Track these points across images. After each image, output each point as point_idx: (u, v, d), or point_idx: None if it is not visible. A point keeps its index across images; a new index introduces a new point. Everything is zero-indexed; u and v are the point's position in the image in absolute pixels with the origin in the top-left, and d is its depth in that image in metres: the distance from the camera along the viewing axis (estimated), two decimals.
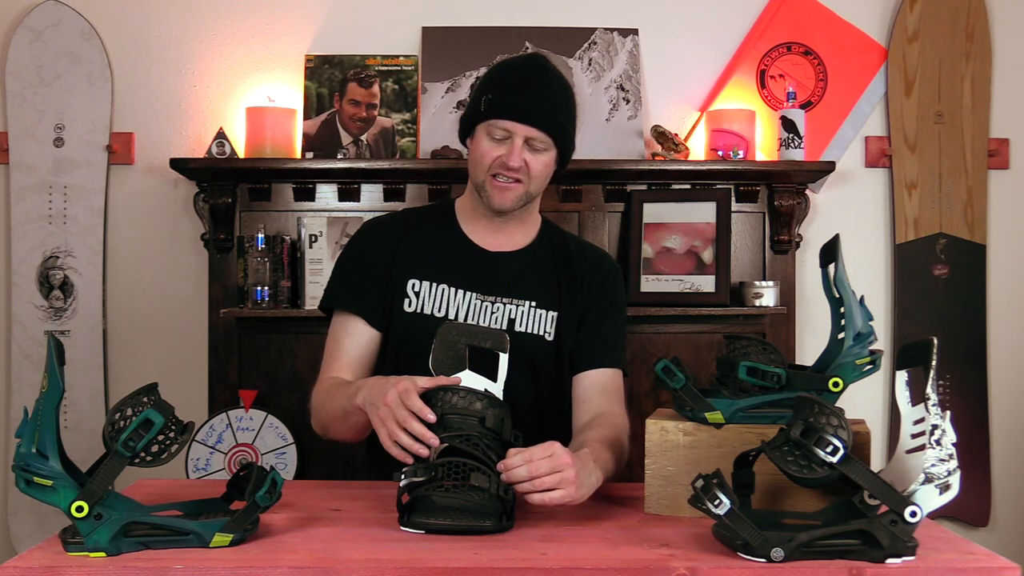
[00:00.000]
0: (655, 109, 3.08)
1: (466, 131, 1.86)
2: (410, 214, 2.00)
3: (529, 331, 1.84)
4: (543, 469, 1.42)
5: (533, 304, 1.85)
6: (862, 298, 1.53)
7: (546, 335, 1.85)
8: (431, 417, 1.45)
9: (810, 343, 3.04)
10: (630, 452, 2.82)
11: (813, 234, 3.07)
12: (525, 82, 1.81)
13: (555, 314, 1.86)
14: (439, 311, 1.83)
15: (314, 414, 1.83)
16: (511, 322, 1.83)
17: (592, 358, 1.87)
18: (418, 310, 1.84)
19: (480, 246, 1.89)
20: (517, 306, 1.85)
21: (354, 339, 1.86)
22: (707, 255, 2.92)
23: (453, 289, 1.85)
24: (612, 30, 3.07)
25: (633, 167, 2.92)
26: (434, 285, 1.85)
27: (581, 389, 1.86)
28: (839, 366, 1.51)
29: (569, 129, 1.84)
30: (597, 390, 1.85)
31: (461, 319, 1.83)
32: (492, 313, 1.83)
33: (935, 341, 1.31)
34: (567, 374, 1.87)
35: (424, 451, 1.43)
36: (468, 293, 1.84)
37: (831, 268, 1.55)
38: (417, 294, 1.85)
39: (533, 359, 1.82)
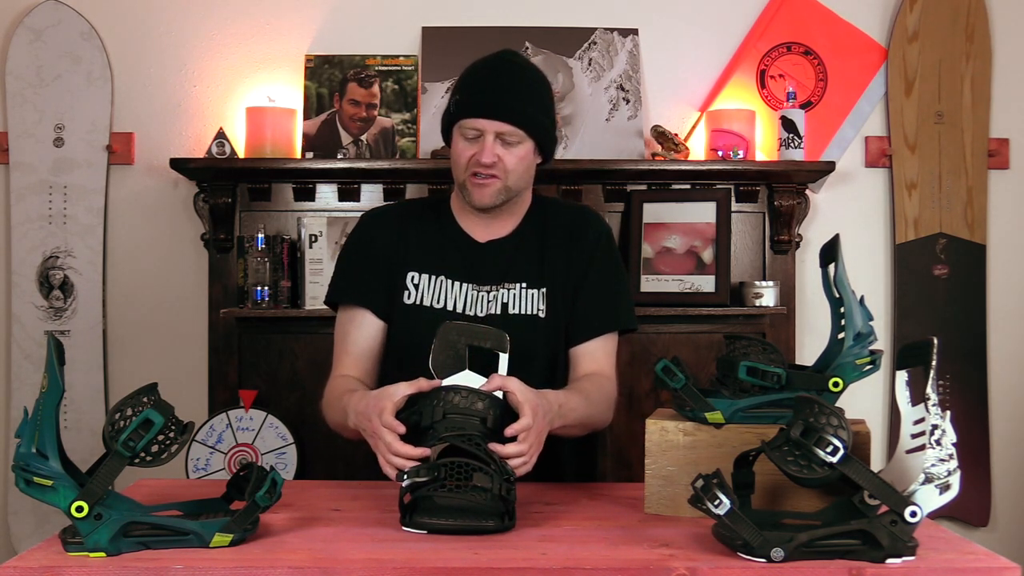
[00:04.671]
0: (655, 109, 3.08)
1: (446, 135, 1.88)
2: (407, 206, 2.03)
3: (523, 312, 1.85)
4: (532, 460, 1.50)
5: (524, 285, 1.86)
6: (862, 298, 1.53)
7: (539, 313, 1.86)
8: (400, 429, 1.49)
9: (810, 343, 3.04)
10: (630, 452, 2.83)
11: (813, 234, 3.07)
12: (492, 79, 1.83)
13: (544, 290, 1.87)
14: (437, 303, 1.85)
15: (325, 414, 1.85)
16: (504, 306, 1.84)
17: (583, 329, 1.88)
18: (417, 302, 1.85)
19: (473, 237, 1.90)
20: (509, 290, 1.86)
21: (361, 331, 1.87)
22: (707, 255, 2.92)
23: (450, 281, 1.86)
24: (612, 30, 3.07)
25: (633, 167, 2.92)
26: (432, 277, 1.86)
27: (574, 360, 1.89)
28: (839, 366, 1.51)
29: (541, 118, 1.83)
30: (588, 359, 1.87)
31: (459, 310, 1.84)
32: (488, 302, 1.84)
33: (935, 341, 1.31)
34: (562, 350, 1.88)
35: (414, 462, 1.46)
36: (464, 284, 1.86)
37: (831, 268, 1.55)
38: (416, 286, 1.86)
39: (529, 341, 1.82)
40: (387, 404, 1.51)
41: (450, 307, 1.84)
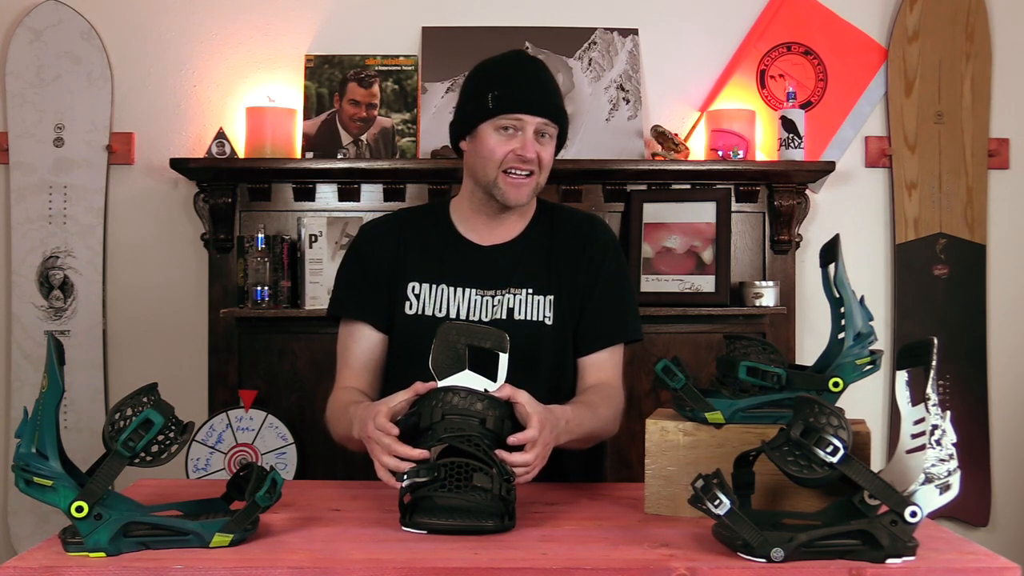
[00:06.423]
0: (655, 109, 3.08)
1: (465, 133, 1.86)
2: (405, 215, 2.01)
3: (529, 318, 1.85)
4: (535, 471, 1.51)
5: (530, 291, 1.86)
6: (862, 298, 1.53)
7: (546, 319, 1.85)
8: (393, 431, 1.48)
9: (810, 343, 3.04)
10: (630, 452, 2.83)
11: (813, 234, 3.07)
12: (526, 76, 1.85)
13: (552, 297, 1.87)
14: (440, 311, 1.84)
15: (329, 427, 1.85)
16: (510, 311, 1.84)
17: (592, 340, 1.89)
18: (419, 312, 1.85)
19: (474, 242, 1.90)
20: (515, 295, 1.85)
21: (361, 344, 1.88)
22: (707, 255, 2.92)
23: (452, 288, 1.86)
24: (612, 30, 3.07)
25: (633, 167, 2.92)
26: (433, 286, 1.86)
27: (581, 370, 1.90)
28: (839, 366, 1.51)
29: (566, 115, 1.89)
30: (595, 369, 1.89)
31: (462, 316, 1.83)
32: (493, 307, 1.84)
33: (935, 341, 1.31)
34: (568, 357, 1.89)
35: (410, 463, 1.46)
36: (468, 290, 1.85)
37: (831, 268, 1.55)
38: (417, 296, 1.86)
39: (535, 347, 1.83)
40: (382, 408, 1.52)
41: (453, 314, 1.84)
